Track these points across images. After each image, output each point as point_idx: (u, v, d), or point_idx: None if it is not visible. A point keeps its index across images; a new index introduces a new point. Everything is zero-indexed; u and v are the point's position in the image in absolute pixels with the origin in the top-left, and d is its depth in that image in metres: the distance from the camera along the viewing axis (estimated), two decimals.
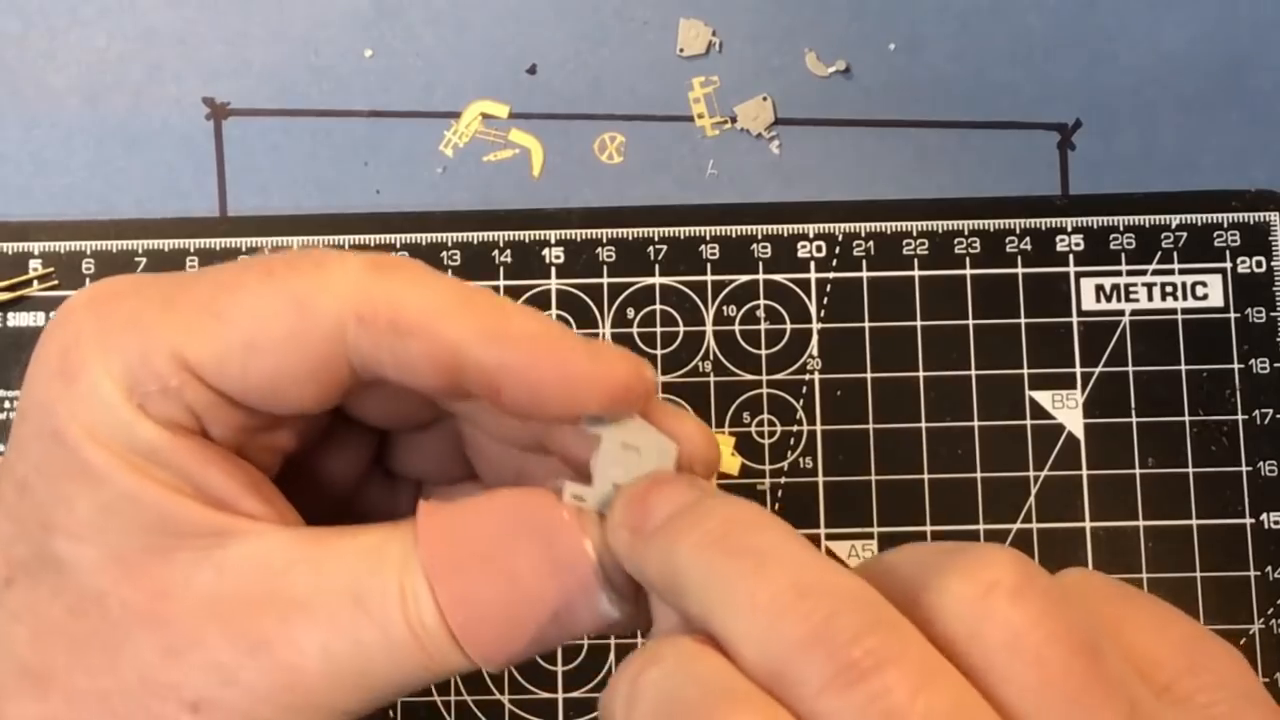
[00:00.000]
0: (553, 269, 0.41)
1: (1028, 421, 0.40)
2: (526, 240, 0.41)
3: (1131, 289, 0.41)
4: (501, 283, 0.41)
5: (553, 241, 0.41)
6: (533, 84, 0.42)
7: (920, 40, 0.42)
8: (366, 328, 0.23)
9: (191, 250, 0.41)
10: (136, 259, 0.41)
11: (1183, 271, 0.41)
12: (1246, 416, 0.40)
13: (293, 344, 0.24)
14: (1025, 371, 0.40)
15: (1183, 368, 0.40)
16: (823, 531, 0.39)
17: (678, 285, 0.41)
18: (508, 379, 0.23)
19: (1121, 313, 0.40)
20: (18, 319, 0.40)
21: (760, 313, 0.41)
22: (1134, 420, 0.40)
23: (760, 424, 0.40)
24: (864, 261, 0.41)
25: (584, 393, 0.23)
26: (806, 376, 0.40)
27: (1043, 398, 0.40)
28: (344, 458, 0.28)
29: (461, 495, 0.25)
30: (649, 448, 0.25)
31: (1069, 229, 0.41)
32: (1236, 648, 0.38)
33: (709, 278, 0.41)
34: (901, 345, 0.40)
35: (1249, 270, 0.41)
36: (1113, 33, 0.42)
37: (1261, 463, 0.40)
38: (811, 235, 0.41)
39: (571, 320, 0.40)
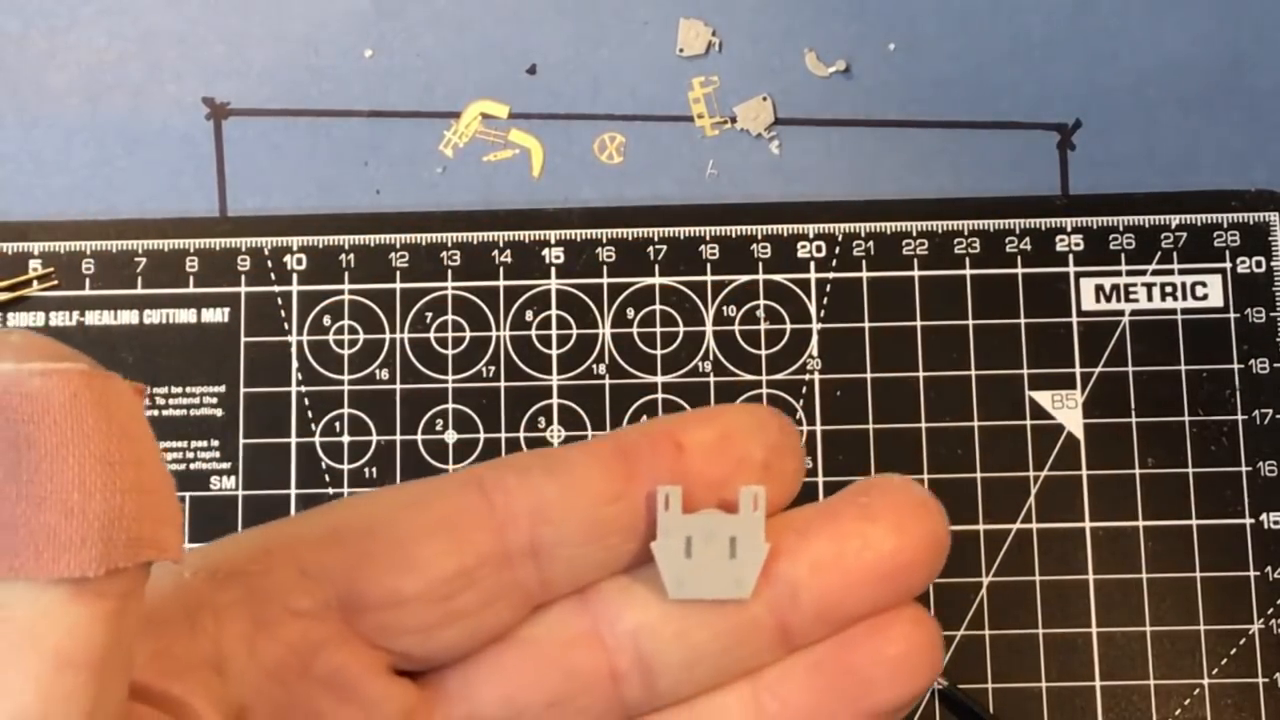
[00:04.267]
0: (553, 269, 0.41)
1: (1027, 421, 0.40)
2: (526, 240, 0.41)
3: (1131, 289, 0.41)
4: (501, 283, 0.41)
5: (553, 241, 0.41)
6: (533, 84, 0.42)
7: (920, 40, 0.42)
8: None
9: (191, 250, 0.41)
10: (136, 259, 0.41)
11: (1183, 271, 0.41)
12: (1246, 416, 0.40)
13: None
14: (1025, 371, 0.40)
15: (1183, 368, 0.40)
16: None
17: (678, 285, 0.41)
18: None
19: (1121, 313, 0.40)
20: (18, 319, 0.40)
21: (760, 313, 0.41)
22: (1134, 420, 0.40)
23: None
24: (864, 261, 0.41)
25: None
26: (806, 377, 0.40)
27: (1042, 398, 0.40)
28: None
29: None
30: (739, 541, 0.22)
31: (1069, 229, 0.41)
32: (1236, 648, 0.39)
33: (709, 278, 0.41)
34: (901, 345, 0.40)
35: (1249, 270, 0.41)
36: (1113, 33, 0.42)
37: (1261, 463, 0.40)
38: (811, 235, 0.41)
39: (572, 320, 0.40)
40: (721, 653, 0.22)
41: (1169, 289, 0.41)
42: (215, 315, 0.41)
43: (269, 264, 0.41)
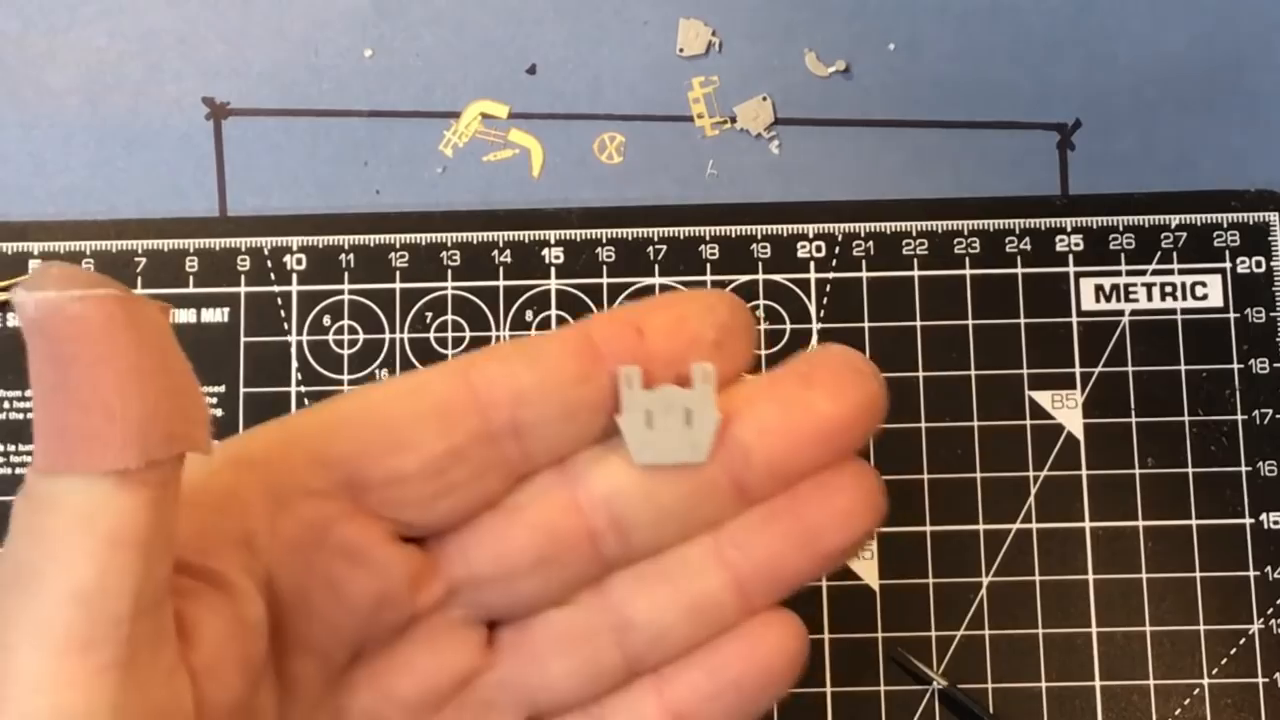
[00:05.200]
0: (552, 269, 0.41)
1: (1027, 421, 0.40)
2: (526, 240, 0.41)
3: (1131, 289, 0.41)
4: (501, 283, 0.41)
5: (552, 241, 0.41)
6: (533, 84, 0.42)
7: (920, 40, 0.42)
8: None
9: (191, 250, 0.41)
10: (136, 259, 0.41)
11: (1182, 271, 0.41)
12: (1246, 416, 0.40)
13: None
14: (1025, 371, 0.40)
15: (1182, 368, 0.40)
16: None
17: (678, 285, 0.41)
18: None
19: (1121, 313, 0.40)
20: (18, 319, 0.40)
21: (760, 313, 0.41)
22: (1134, 420, 0.40)
23: None
24: (864, 261, 0.41)
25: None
26: None
27: (1042, 398, 0.40)
28: None
29: None
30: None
31: (1068, 229, 0.41)
32: (1236, 648, 0.38)
33: (709, 278, 0.41)
34: (901, 345, 0.40)
35: (1249, 270, 0.41)
36: (1113, 33, 0.42)
37: (1261, 463, 0.40)
38: (811, 235, 0.41)
39: (572, 320, 0.40)
40: (686, 510, 0.25)
41: (1169, 289, 0.41)
42: (215, 315, 0.41)
43: (269, 264, 0.41)
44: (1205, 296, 0.40)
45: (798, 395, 0.25)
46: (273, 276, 0.41)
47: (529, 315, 0.40)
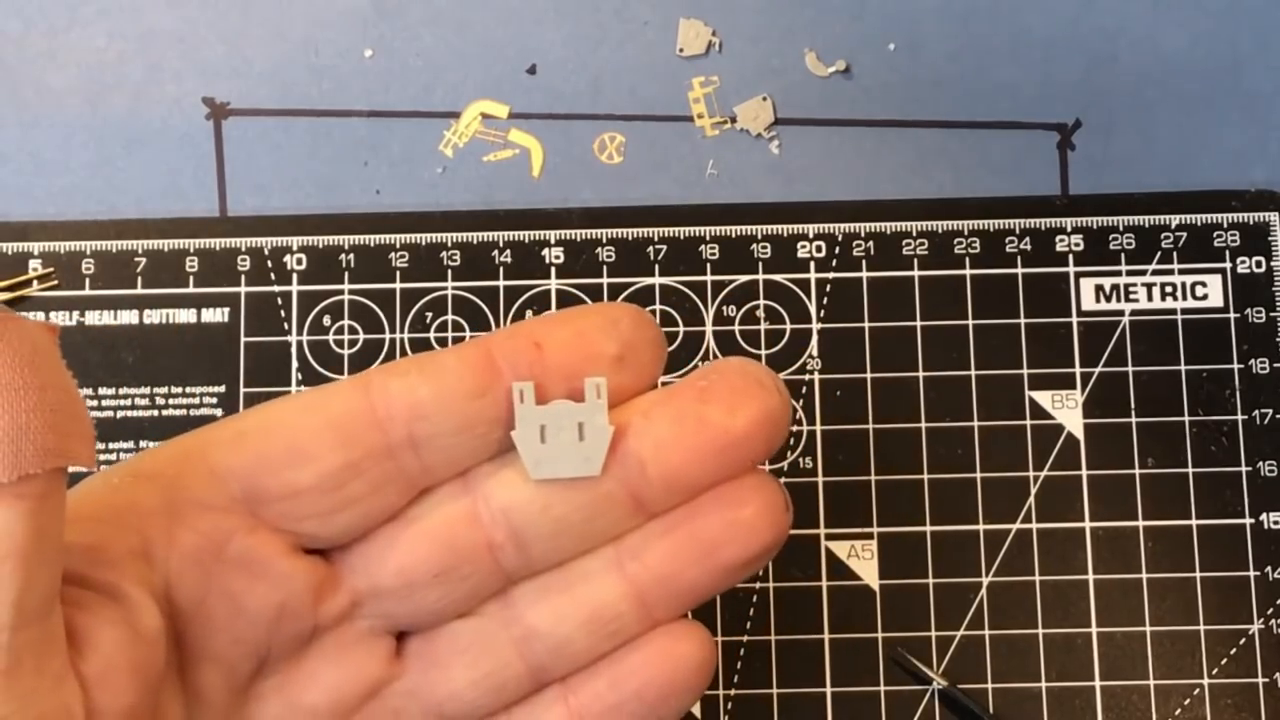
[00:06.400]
0: (552, 269, 0.41)
1: (1027, 421, 0.40)
2: (526, 240, 0.41)
3: (1131, 289, 0.41)
4: (501, 283, 0.41)
5: (552, 241, 0.41)
6: (533, 84, 0.42)
7: (920, 40, 0.42)
8: None
9: (191, 250, 0.41)
10: (136, 259, 0.41)
11: (1182, 271, 0.41)
12: (1246, 416, 0.40)
13: None
14: (1025, 371, 0.40)
15: (1182, 368, 0.40)
16: (822, 531, 0.39)
17: (677, 285, 0.41)
18: None
19: (1121, 313, 0.40)
20: None
21: (760, 313, 0.41)
22: (1134, 420, 0.40)
23: None
24: (864, 261, 0.41)
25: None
26: (806, 376, 0.40)
27: (1042, 398, 0.40)
28: None
29: None
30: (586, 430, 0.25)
31: (1069, 229, 0.41)
32: (1236, 648, 0.38)
33: (709, 278, 0.41)
34: (901, 345, 0.40)
35: (1249, 270, 0.41)
36: (1113, 33, 0.42)
37: (1261, 463, 0.40)
38: (811, 235, 0.41)
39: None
40: (583, 523, 0.26)
41: (1169, 289, 0.41)
42: (215, 315, 0.41)
43: (269, 264, 0.41)
44: (1205, 296, 0.40)
45: (693, 409, 0.25)
46: (273, 276, 0.41)
47: (529, 315, 0.40)
